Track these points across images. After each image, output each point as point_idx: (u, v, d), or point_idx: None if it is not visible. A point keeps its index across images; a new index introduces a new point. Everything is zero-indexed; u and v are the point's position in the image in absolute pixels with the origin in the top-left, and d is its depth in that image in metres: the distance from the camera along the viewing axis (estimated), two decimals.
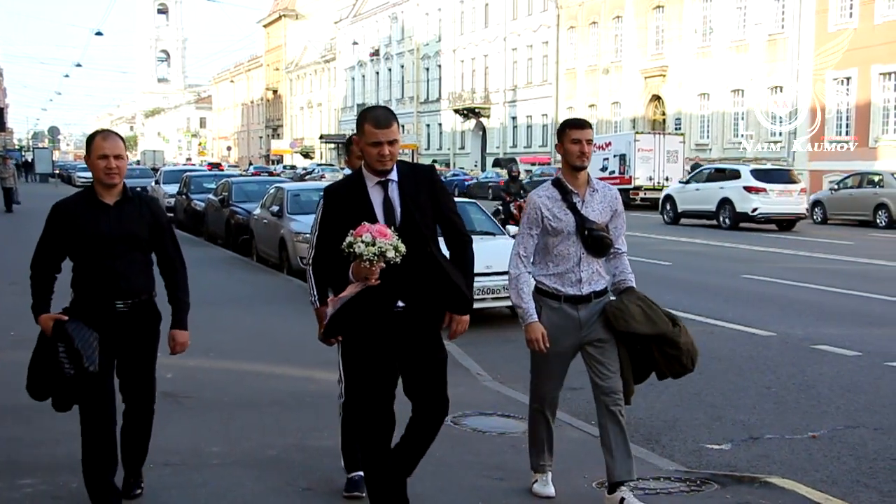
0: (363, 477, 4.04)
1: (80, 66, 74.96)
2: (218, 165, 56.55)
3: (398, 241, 3.45)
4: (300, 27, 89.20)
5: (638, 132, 35.66)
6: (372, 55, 73.49)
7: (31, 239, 4.01)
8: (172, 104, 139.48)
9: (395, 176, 3.69)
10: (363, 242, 3.40)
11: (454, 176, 46.37)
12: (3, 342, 7.62)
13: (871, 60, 31.41)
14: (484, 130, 59.48)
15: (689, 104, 41.02)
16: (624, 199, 4.57)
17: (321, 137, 71.67)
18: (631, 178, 32.40)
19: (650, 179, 32.39)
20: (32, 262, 3.99)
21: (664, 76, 42.60)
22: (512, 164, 22.75)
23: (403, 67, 70.00)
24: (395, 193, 3.68)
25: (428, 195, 3.74)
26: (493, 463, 4.98)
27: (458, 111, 60.20)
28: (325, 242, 3.79)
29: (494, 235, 10.80)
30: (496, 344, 8.62)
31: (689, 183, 26.11)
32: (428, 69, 66.67)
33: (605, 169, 32.27)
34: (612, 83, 46.17)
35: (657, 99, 43.62)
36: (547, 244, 4.27)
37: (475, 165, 57.45)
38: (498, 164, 49.22)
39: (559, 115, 49.21)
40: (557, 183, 4.30)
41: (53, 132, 78.23)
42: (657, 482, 4.71)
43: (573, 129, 4.24)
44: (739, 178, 23.63)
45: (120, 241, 3.94)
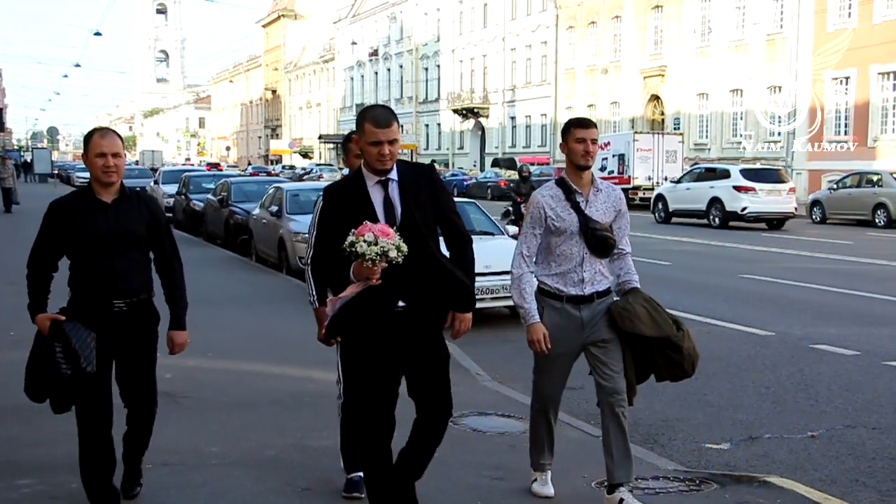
0: (362, 478, 4.04)
1: (78, 66, 74.62)
2: (217, 165, 56.49)
3: (400, 240, 3.42)
4: (299, 27, 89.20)
5: (637, 132, 35.69)
6: (371, 55, 73.47)
7: (30, 239, 4.00)
8: (171, 104, 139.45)
9: (395, 175, 3.67)
10: (365, 242, 3.37)
11: (453, 176, 46.34)
12: (2, 342, 7.61)
13: (869, 60, 31.42)
14: (483, 130, 59.46)
15: (687, 104, 41.01)
16: None
17: (320, 137, 71.61)
18: (630, 177, 32.46)
19: (649, 179, 32.41)
20: (29, 260, 3.96)
21: (663, 76, 42.59)
22: (523, 164, 22.86)
23: (402, 67, 69.98)
24: (395, 193, 3.67)
25: (428, 195, 3.72)
26: (491, 463, 4.98)
27: (456, 111, 60.16)
28: (324, 242, 3.77)
29: (494, 235, 10.82)
30: (495, 344, 8.62)
31: (680, 182, 26.48)
32: (427, 69, 66.64)
33: (603, 169, 32.25)
34: (610, 83, 46.15)
35: (656, 99, 43.60)
36: (550, 244, 4.25)
37: (474, 165, 57.40)
38: (497, 164, 49.22)
39: (558, 115, 49.21)
40: (561, 182, 4.28)
41: (52, 132, 78.25)
42: (656, 482, 4.71)
43: (578, 128, 4.23)
44: (729, 177, 23.97)
45: (118, 239, 3.91)
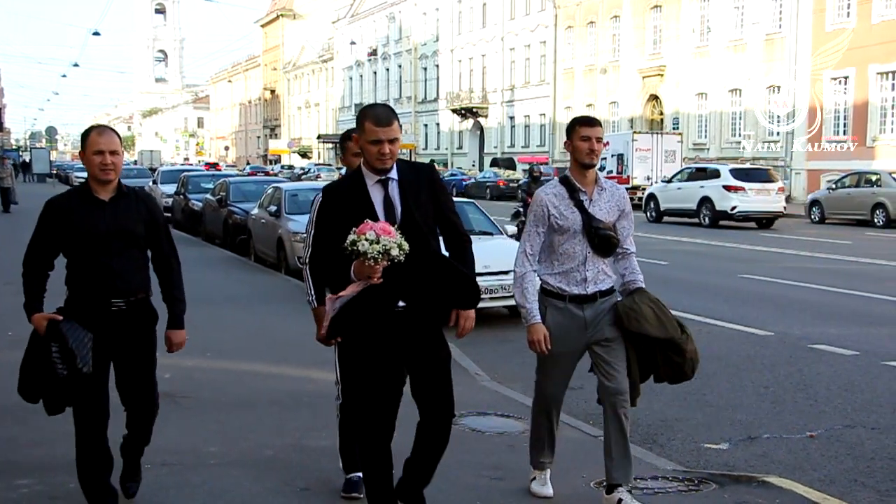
0: (361, 478, 4.03)
1: (77, 66, 74.91)
2: (215, 165, 56.42)
3: (402, 238, 3.40)
4: (298, 27, 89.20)
5: (636, 132, 35.76)
6: (370, 55, 73.46)
7: (28, 239, 3.99)
8: (170, 104, 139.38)
9: (395, 175, 3.66)
10: (367, 240, 3.35)
11: (452, 176, 46.32)
12: (0, 342, 7.60)
13: (868, 60, 31.42)
14: (482, 130, 59.45)
15: (686, 104, 41.01)
16: None
17: (319, 137, 71.56)
18: (629, 177, 32.52)
19: (648, 179, 32.46)
20: (25, 259, 3.94)
21: (662, 76, 42.58)
22: (534, 164, 22.98)
23: (401, 67, 69.97)
24: (395, 192, 3.65)
25: (428, 195, 3.71)
26: (490, 462, 4.98)
27: (455, 111, 60.15)
28: (323, 241, 3.76)
29: (493, 235, 10.82)
30: (494, 344, 8.62)
31: (671, 182, 26.79)
32: (426, 69, 66.62)
33: (602, 168, 32.23)
34: (609, 83, 46.14)
35: (655, 98, 43.59)
36: (552, 242, 4.24)
37: (473, 165, 57.37)
38: (496, 163, 49.24)
39: (557, 115, 49.20)
40: (565, 180, 4.27)
41: (51, 132, 78.18)
42: (655, 482, 4.71)
43: (583, 126, 4.22)
44: (719, 177, 24.39)
45: (116, 237, 3.88)
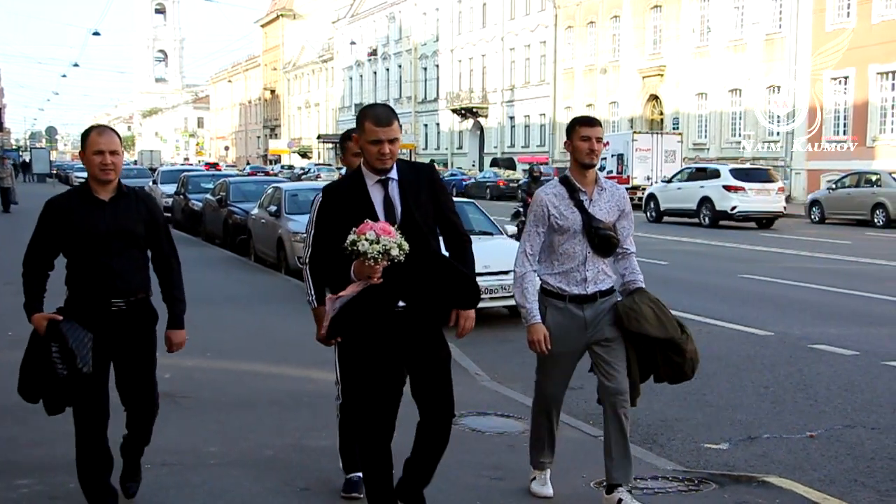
0: (361, 478, 4.03)
1: (77, 66, 74.87)
2: (215, 165, 56.43)
3: (402, 238, 3.40)
4: (298, 27, 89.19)
5: (636, 132, 35.75)
6: (370, 55, 73.45)
7: (28, 239, 3.99)
8: (170, 104, 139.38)
9: (395, 175, 3.65)
10: (367, 240, 3.35)
11: (452, 176, 46.33)
12: (0, 342, 7.60)
13: (868, 60, 31.41)
14: (482, 130, 59.45)
15: (686, 104, 41.00)
16: None
17: (319, 137, 71.57)
18: (629, 177, 32.51)
19: (648, 179, 32.46)
20: (25, 259, 3.94)
21: (662, 76, 42.59)
22: (534, 164, 22.98)
23: (401, 67, 69.96)
24: (395, 192, 3.65)
25: (428, 195, 3.71)
26: (490, 462, 4.98)
27: (455, 111, 60.15)
28: (322, 241, 3.76)
29: (492, 235, 10.82)
30: (494, 344, 8.62)
31: (671, 182, 26.79)
32: (426, 69, 66.62)
33: (602, 168, 32.24)
34: (609, 83, 46.14)
35: (655, 98, 43.59)
36: (552, 242, 4.24)
37: (473, 165, 57.37)
38: (496, 163, 49.23)
39: (557, 115, 49.20)
40: (565, 180, 4.27)
41: (51, 132, 78.20)
42: (655, 482, 4.71)
43: (583, 126, 4.22)
44: (719, 177, 24.38)
45: (115, 237, 3.88)
